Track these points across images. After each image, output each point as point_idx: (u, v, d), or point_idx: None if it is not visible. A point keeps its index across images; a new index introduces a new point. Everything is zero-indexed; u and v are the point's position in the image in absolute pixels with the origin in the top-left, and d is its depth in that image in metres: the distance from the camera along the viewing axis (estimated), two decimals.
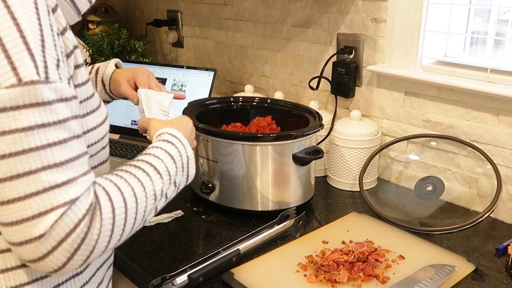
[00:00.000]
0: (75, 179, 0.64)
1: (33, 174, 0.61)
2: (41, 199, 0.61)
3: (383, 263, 1.02)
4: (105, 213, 0.66)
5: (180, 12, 2.12)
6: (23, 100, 0.59)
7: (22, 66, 0.59)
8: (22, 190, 0.60)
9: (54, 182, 0.62)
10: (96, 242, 0.66)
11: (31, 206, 0.61)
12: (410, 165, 1.41)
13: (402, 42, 1.37)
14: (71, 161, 0.64)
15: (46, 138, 0.61)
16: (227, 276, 0.98)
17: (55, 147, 0.62)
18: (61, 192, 0.62)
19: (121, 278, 1.10)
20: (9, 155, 0.60)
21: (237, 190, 1.21)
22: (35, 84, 0.60)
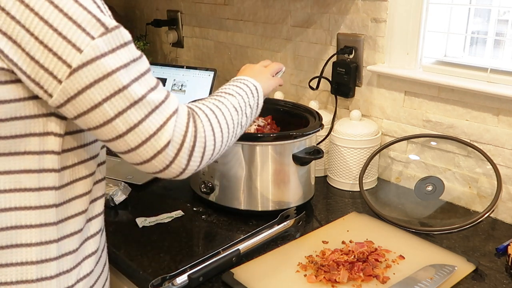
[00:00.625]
0: (169, 95, 0.76)
1: (144, 98, 0.71)
2: (157, 114, 0.72)
3: (383, 263, 1.02)
4: (200, 115, 0.79)
5: (180, 12, 2.12)
6: (115, 43, 0.69)
7: (102, 17, 0.69)
8: (142, 112, 0.71)
9: (160, 100, 0.73)
10: (205, 139, 0.77)
11: (153, 122, 0.71)
12: (410, 165, 1.41)
13: (402, 42, 1.37)
14: (158, 84, 0.75)
15: (139, 69, 0.72)
16: (227, 276, 0.98)
17: (146, 74, 0.73)
18: (167, 105, 0.74)
19: (121, 278, 1.11)
20: (123, 88, 0.69)
21: (237, 190, 1.21)
22: (119, 27, 0.70)
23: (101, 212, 0.86)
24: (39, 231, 0.75)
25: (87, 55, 0.66)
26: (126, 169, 1.49)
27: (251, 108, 0.94)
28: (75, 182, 0.78)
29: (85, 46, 0.66)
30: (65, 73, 0.66)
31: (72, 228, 0.79)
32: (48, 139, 0.73)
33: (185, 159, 0.75)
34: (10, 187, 0.73)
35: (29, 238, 0.75)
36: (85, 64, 0.66)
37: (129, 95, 0.70)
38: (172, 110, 0.74)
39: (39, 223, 0.75)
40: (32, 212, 0.74)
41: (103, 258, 0.89)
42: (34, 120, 0.71)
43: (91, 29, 0.67)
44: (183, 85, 1.71)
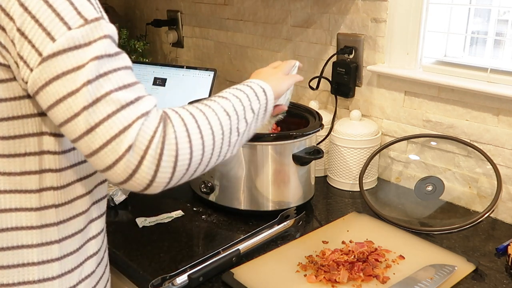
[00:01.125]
0: (143, 96, 0.70)
1: (109, 95, 0.67)
2: (122, 115, 0.67)
3: (383, 263, 1.02)
4: (174, 120, 0.71)
5: (180, 12, 2.12)
6: (92, 35, 0.67)
7: (84, 9, 0.67)
8: (105, 111, 0.66)
9: (128, 99, 0.68)
10: (176, 147, 0.69)
11: (115, 123, 0.66)
12: (410, 165, 1.41)
13: (402, 42, 1.37)
14: (135, 84, 0.70)
15: (111, 65, 0.68)
16: (227, 276, 0.98)
17: (120, 71, 0.69)
18: (136, 107, 0.68)
19: (121, 278, 1.11)
20: (87, 82, 0.65)
21: (237, 190, 1.21)
22: (99, 20, 0.68)
23: (103, 213, 0.86)
24: (40, 232, 0.75)
25: (59, 45, 0.65)
26: None
27: (254, 113, 0.85)
28: (75, 182, 0.78)
29: (60, 35, 0.65)
30: (36, 62, 0.65)
31: (74, 229, 0.78)
32: (45, 139, 0.73)
33: (150, 168, 0.67)
34: (10, 188, 0.73)
35: (30, 239, 0.74)
36: (56, 54, 0.65)
37: (93, 91, 0.66)
38: (141, 112, 0.68)
39: (40, 224, 0.75)
40: (32, 213, 0.74)
41: (104, 258, 0.89)
42: (31, 119, 0.71)
43: (70, 19, 0.66)
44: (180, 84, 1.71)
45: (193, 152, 0.71)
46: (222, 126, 0.77)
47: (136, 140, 0.67)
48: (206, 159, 0.75)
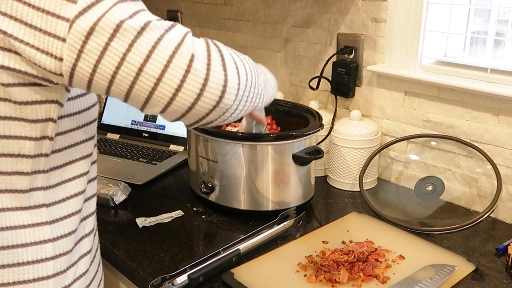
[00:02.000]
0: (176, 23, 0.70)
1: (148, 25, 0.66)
2: (170, 35, 0.67)
3: (383, 263, 1.02)
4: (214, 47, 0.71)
5: (180, 12, 2.12)
6: None
7: None
8: (150, 39, 0.65)
9: (167, 25, 0.68)
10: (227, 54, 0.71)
11: (170, 41, 0.66)
12: (410, 165, 1.41)
13: (402, 42, 1.37)
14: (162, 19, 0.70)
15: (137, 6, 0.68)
16: (227, 276, 0.98)
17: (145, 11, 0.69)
18: (177, 28, 0.68)
19: (121, 278, 1.11)
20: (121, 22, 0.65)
21: (237, 190, 1.21)
22: None
23: (93, 211, 0.86)
24: (33, 231, 0.75)
25: (81, 4, 0.64)
26: (126, 169, 1.49)
27: (263, 85, 0.87)
28: (67, 182, 0.78)
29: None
30: (66, 29, 0.64)
31: (67, 228, 0.79)
32: (43, 142, 0.73)
33: (220, 69, 0.68)
34: (1, 188, 0.73)
35: (24, 239, 0.75)
36: (82, 12, 0.64)
37: (131, 26, 0.65)
38: (185, 31, 0.68)
39: (32, 223, 0.75)
40: (23, 213, 0.74)
41: (97, 257, 0.90)
42: (28, 123, 0.71)
43: None
44: None
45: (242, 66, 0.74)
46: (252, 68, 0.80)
47: (195, 51, 0.67)
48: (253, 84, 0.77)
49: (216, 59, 0.69)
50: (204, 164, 1.24)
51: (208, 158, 1.22)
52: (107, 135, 1.78)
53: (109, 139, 1.75)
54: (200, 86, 0.67)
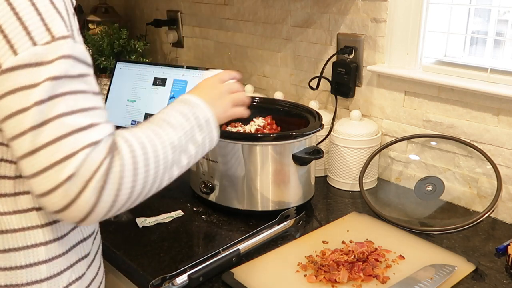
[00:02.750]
0: (98, 124, 0.68)
1: (59, 118, 0.65)
2: (69, 141, 0.65)
3: (383, 263, 1.02)
4: (124, 153, 0.69)
5: (180, 12, 2.12)
6: (56, 53, 0.65)
7: (54, 26, 0.66)
8: (53, 134, 0.64)
9: (79, 125, 0.66)
10: (120, 180, 0.68)
11: (61, 149, 0.64)
12: (410, 165, 1.41)
13: (402, 42, 1.37)
14: (92, 109, 0.68)
15: (70, 87, 0.66)
16: (227, 276, 0.98)
17: (78, 95, 0.67)
18: (86, 134, 0.66)
19: (121, 278, 1.11)
20: (40, 102, 0.64)
21: (237, 190, 1.21)
22: (66, 38, 0.66)
23: None
24: (24, 234, 0.75)
25: (20, 60, 0.63)
26: None
27: (196, 146, 0.82)
28: None
29: (23, 50, 0.63)
30: None
31: (60, 231, 0.78)
32: None
33: (92, 196, 0.65)
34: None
35: (15, 243, 0.74)
36: (15, 68, 0.63)
37: (43, 112, 0.64)
38: (90, 141, 0.65)
39: (22, 227, 0.75)
40: (13, 217, 0.74)
41: (96, 262, 0.88)
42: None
43: (37, 34, 0.64)
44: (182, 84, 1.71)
45: (135, 186, 0.70)
46: (166, 161, 0.76)
47: (79, 171, 0.64)
48: (145, 192, 0.74)
49: (93, 186, 0.65)
50: (204, 164, 1.24)
51: (208, 158, 1.22)
52: None
53: None
54: (63, 205, 0.65)
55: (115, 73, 1.84)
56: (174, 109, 0.83)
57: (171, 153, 0.77)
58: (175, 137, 0.78)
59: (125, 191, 0.69)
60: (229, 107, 0.94)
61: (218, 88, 0.94)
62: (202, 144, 0.84)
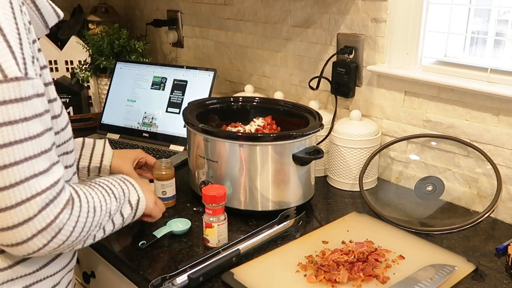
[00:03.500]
0: (50, 168, 0.71)
1: (17, 165, 0.66)
2: (23, 188, 0.67)
3: (383, 263, 1.02)
4: (76, 207, 0.75)
5: (180, 12, 2.12)
6: (9, 96, 0.65)
7: (5, 63, 0.64)
8: (8, 180, 0.66)
9: (33, 172, 0.68)
10: (71, 230, 0.74)
11: (15, 195, 0.67)
12: (410, 165, 1.41)
13: (402, 42, 1.37)
14: (47, 152, 0.71)
15: (28, 131, 0.67)
16: (227, 276, 0.98)
17: (34, 139, 0.68)
18: (41, 180, 0.69)
19: (121, 278, 1.10)
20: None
21: (237, 190, 1.21)
22: (19, 80, 0.65)
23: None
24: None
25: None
26: None
27: (123, 223, 0.94)
28: None
29: None
30: None
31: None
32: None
33: (46, 239, 0.71)
34: None
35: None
36: None
37: (1, 158, 0.66)
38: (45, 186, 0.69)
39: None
40: None
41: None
42: None
43: None
44: (182, 84, 1.71)
45: (80, 236, 0.78)
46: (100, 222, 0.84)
47: (45, 209, 0.69)
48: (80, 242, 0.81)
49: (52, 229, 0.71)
50: (204, 164, 1.24)
51: (208, 158, 1.22)
52: (107, 135, 1.78)
53: (109, 139, 1.75)
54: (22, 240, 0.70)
55: (115, 73, 1.85)
56: (118, 184, 0.93)
57: (107, 218, 0.86)
58: (114, 207, 0.88)
59: (72, 238, 0.76)
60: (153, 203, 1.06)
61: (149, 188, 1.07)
62: (127, 218, 0.95)
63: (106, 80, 1.95)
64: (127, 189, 0.95)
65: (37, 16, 0.79)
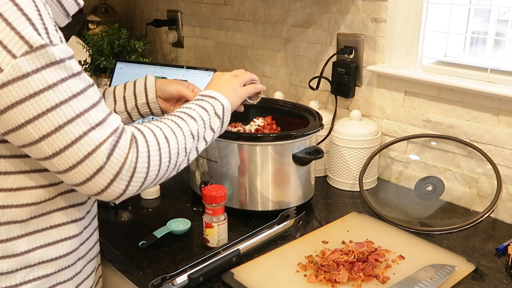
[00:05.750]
0: (110, 114, 0.74)
1: (70, 122, 0.69)
2: (85, 141, 0.70)
3: (383, 263, 1.02)
4: (149, 139, 0.78)
5: (180, 12, 2.12)
6: (40, 63, 0.67)
7: (28, 34, 0.66)
8: (68, 138, 0.69)
9: (89, 125, 0.71)
10: (148, 165, 0.77)
11: (80, 149, 0.70)
12: (410, 165, 1.41)
13: (402, 42, 1.37)
14: (96, 104, 0.73)
15: (70, 90, 0.70)
16: (227, 276, 0.98)
17: (79, 96, 0.71)
18: (99, 131, 0.71)
19: (121, 278, 1.11)
20: (46, 111, 0.68)
21: (237, 190, 1.21)
22: (45, 47, 0.67)
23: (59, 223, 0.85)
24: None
25: (7, 75, 0.65)
26: None
27: (214, 131, 0.93)
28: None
29: (6, 65, 0.65)
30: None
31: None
32: None
33: (123, 184, 0.74)
34: None
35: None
36: (6, 84, 0.65)
37: (54, 120, 0.68)
38: (111, 130, 0.72)
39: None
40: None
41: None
42: None
43: (13, 47, 0.65)
44: None
45: (160, 170, 0.80)
46: (186, 148, 0.86)
47: (111, 155, 0.72)
48: (169, 173, 0.84)
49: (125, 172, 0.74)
50: (204, 164, 1.24)
51: (208, 158, 1.22)
52: None
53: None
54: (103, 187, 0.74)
55: (115, 73, 1.84)
56: (194, 103, 0.94)
57: (191, 142, 0.87)
58: (195, 128, 0.88)
59: (152, 174, 0.78)
60: (237, 89, 1.03)
61: (225, 76, 1.05)
62: (218, 129, 0.95)
63: (106, 80, 1.95)
64: (208, 104, 0.94)
65: (55, 4, 0.80)
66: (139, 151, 0.75)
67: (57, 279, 0.85)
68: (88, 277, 0.93)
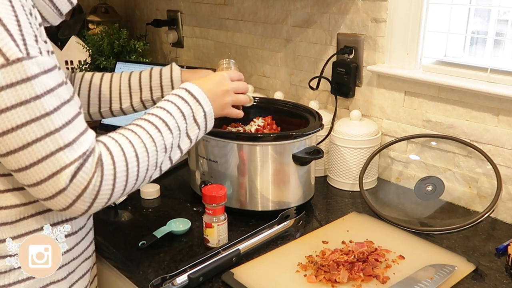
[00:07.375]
0: (76, 139, 0.72)
1: (39, 141, 0.69)
2: (51, 161, 0.70)
3: (383, 263, 1.02)
4: (116, 156, 0.77)
5: (180, 12, 2.12)
6: (15, 77, 0.66)
7: (5, 46, 0.65)
8: (35, 156, 0.69)
9: (58, 145, 0.70)
10: (113, 182, 0.76)
11: (45, 168, 0.70)
12: (410, 165, 1.41)
13: (402, 42, 1.37)
14: (68, 124, 0.72)
15: (43, 107, 0.68)
16: (227, 276, 0.98)
17: (52, 114, 0.69)
18: (67, 153, 0.70)
19: (121, 278, 1.10)
20: (16, 128, 0.67)
21: (237, 190, 1.21)
22: (21, 61, 0.66)
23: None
24: None
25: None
26: None
27: (190, 140, 0.91)
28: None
29: None
30: None
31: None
32: None
33: (85, 205, 0.74)
34: None
35: None
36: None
37: (23, 136, 0.68)
38: (73, 158, 0.71)
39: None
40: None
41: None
42: None
43: None
44: None
45: (127, 184, 0.79)
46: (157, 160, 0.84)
47: (75, 178, 0.71)
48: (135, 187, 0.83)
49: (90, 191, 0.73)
50: (204, 164, 1.24)
51: (208, 158, 1.22)
52: None
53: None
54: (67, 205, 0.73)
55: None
56: (175, 105, 0.89)
57: (162, 154, 0.85)
58: (169, 140, 0.86)
59: (118, 189, 0.78)
60: (228, 106, 1.01)
61: (225, 86, 1.01)
62: (195, 139, 0.92)
63: None
64: (188, 108, 0.90)
65: (46, 4, 0.79)
66: (104, 174, 0.74)
67: (51, 279, 0.85)
68: (83, 277, 0.93)
